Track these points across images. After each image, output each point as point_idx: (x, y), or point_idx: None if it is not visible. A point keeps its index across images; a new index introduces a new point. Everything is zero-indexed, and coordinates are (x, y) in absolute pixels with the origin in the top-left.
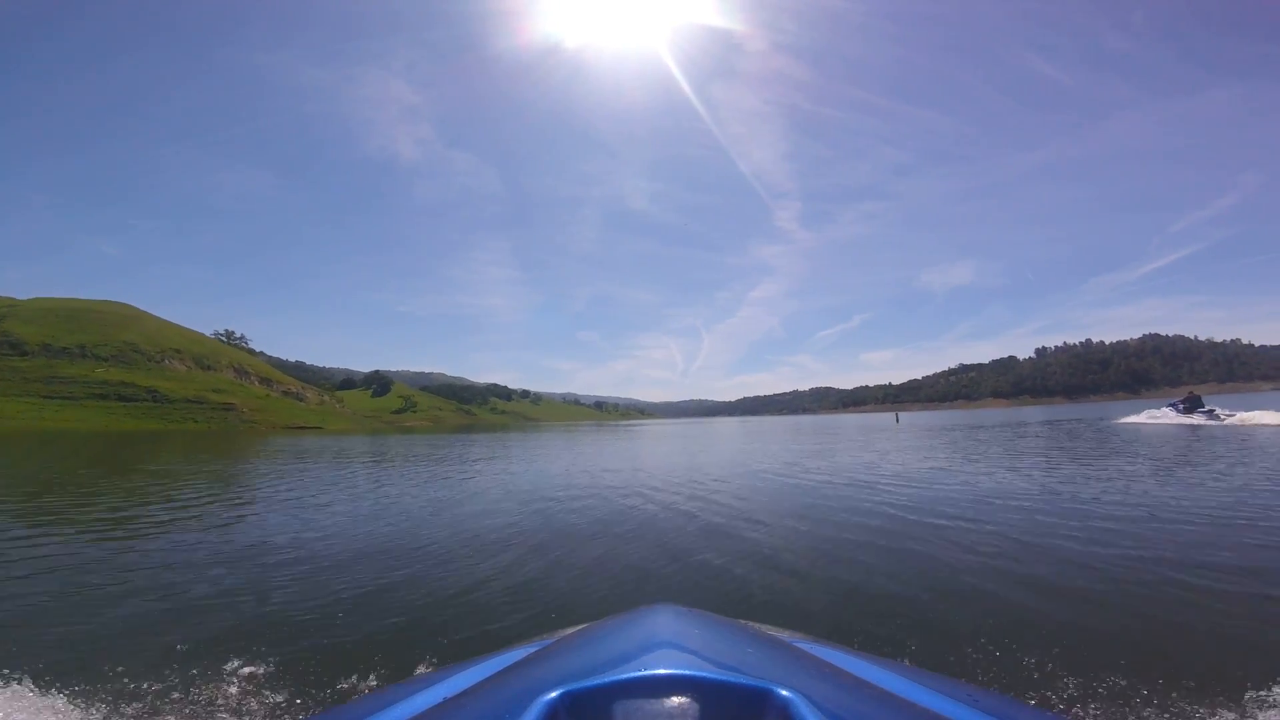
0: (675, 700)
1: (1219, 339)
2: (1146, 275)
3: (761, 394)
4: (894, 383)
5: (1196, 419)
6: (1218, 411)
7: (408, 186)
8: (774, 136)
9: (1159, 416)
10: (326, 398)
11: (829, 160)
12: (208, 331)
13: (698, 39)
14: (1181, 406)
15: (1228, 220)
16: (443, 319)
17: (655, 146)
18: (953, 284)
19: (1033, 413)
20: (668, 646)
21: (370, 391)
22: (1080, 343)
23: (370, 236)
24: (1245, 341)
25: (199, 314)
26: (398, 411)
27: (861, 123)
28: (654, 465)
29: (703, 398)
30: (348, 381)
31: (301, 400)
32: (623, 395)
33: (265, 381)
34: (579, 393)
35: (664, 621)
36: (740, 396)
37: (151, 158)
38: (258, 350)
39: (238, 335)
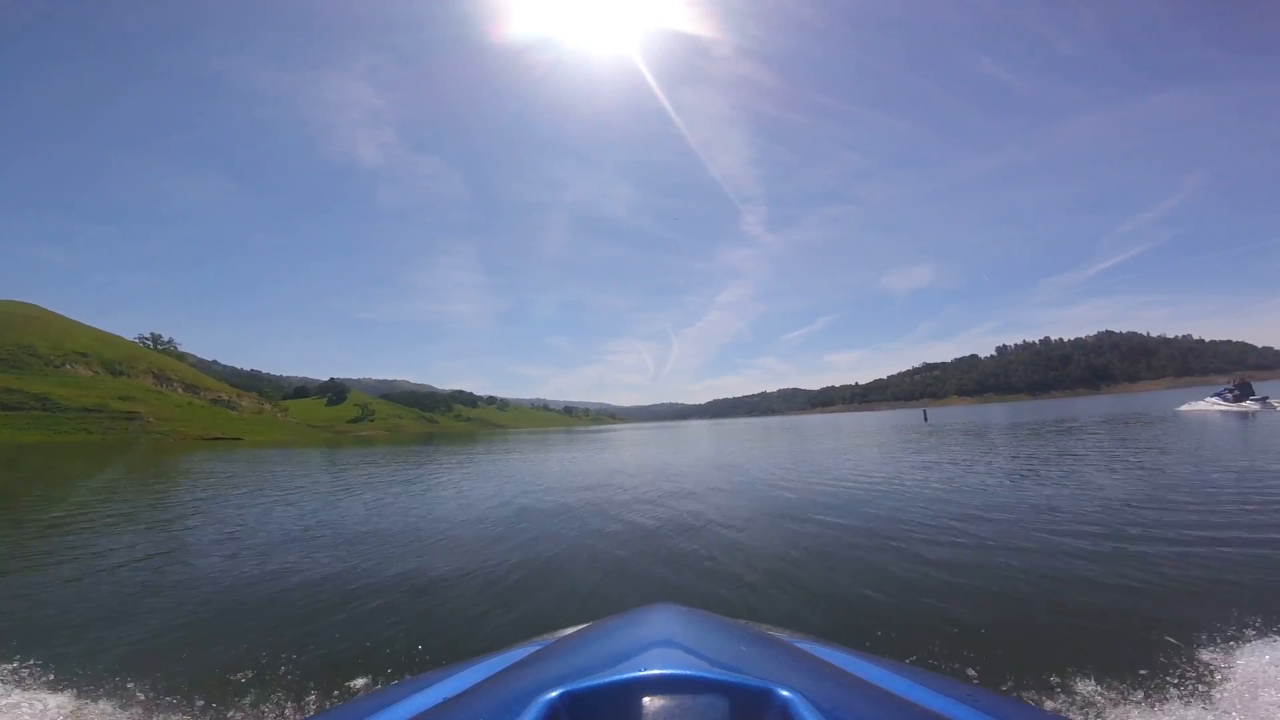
0: (675, 700)
1: (1170, 335)
2: (1096, 275)
3: (731, 396)
4: (860, 382)
5: (1249, 405)
6: (1271, 400)
7: (369, 191)
8: (741, 142)
9: (1215, 404)
10: (268, 406)
11: (794, 165)
12: (131, 335)
13: (666, 44)
14: (1230, 395)
15: (1172, 221)
16: (406, 326)
17: (625, 151)
18: (913, 286)
19: (1048, 407)
20: (668, 646)
21: (325, 400)
22: (1040, 340)
23: (330, 242)
24: (1196, 337)
25: (147, 322)
26: (354, 420)
27: (824, 127)
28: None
29: (674, 401)
30: (301, 390)
31: (234, 409)
32: (594, 400)
33: (191, 388)
34: (549, 398)
35: (664, 621)
36: (710, 399)
37: (100, 164)
38: (211, 359)
39: (165, 339)
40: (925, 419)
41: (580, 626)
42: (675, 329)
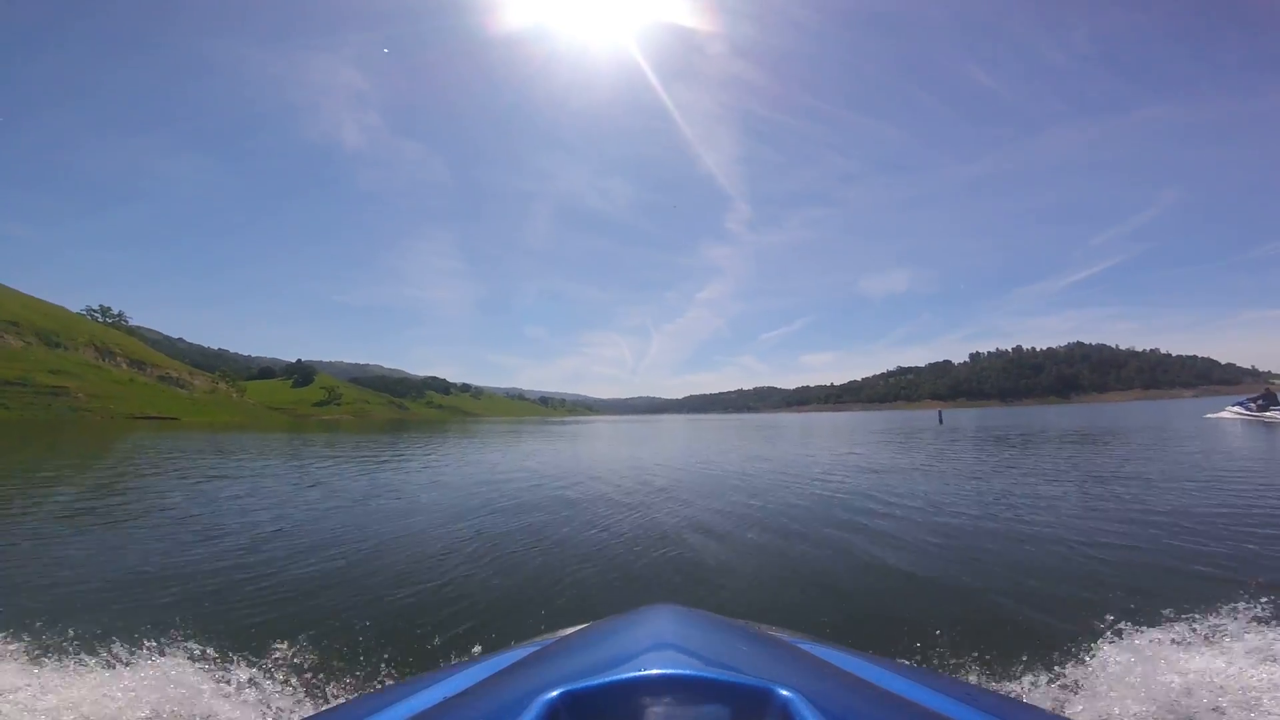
0: (675, 700)
1: (1138, 348)
2: (1068, 287)
3: (708, 392)
4: (835, 383)
5: (1275, 415)
6: None
7: (350, 174)
8: (729, 140)
9: (1241, 413)
10: (223, 386)
11: (779, 165)
12: (78, 307)
13: (661, 38)
14: (1255, 405)
15: (1145, 235)
16: (382, 310)
17: (612, 145)
18: (890, 290)
19: (1035, 414)
20: (668, 646)
21: (291, 382)
22: (1012, 349)
23: (308, 224)
24: (1164, 351)
25: (116, 300)
26: (320, 404)
27: (812, 130)
28: None
29: (651, 395)
30: (267, 371)
31: (183, 388)
32: (571, 391)
33: (137, 364)
34: (525, 388)
35: (664, 621)
36: (687, 395)
37: (78, 142)
38: (177, 336)
39: (115, 312)
40: (940, 421)
41: (580, 626)
42: (655, 323)
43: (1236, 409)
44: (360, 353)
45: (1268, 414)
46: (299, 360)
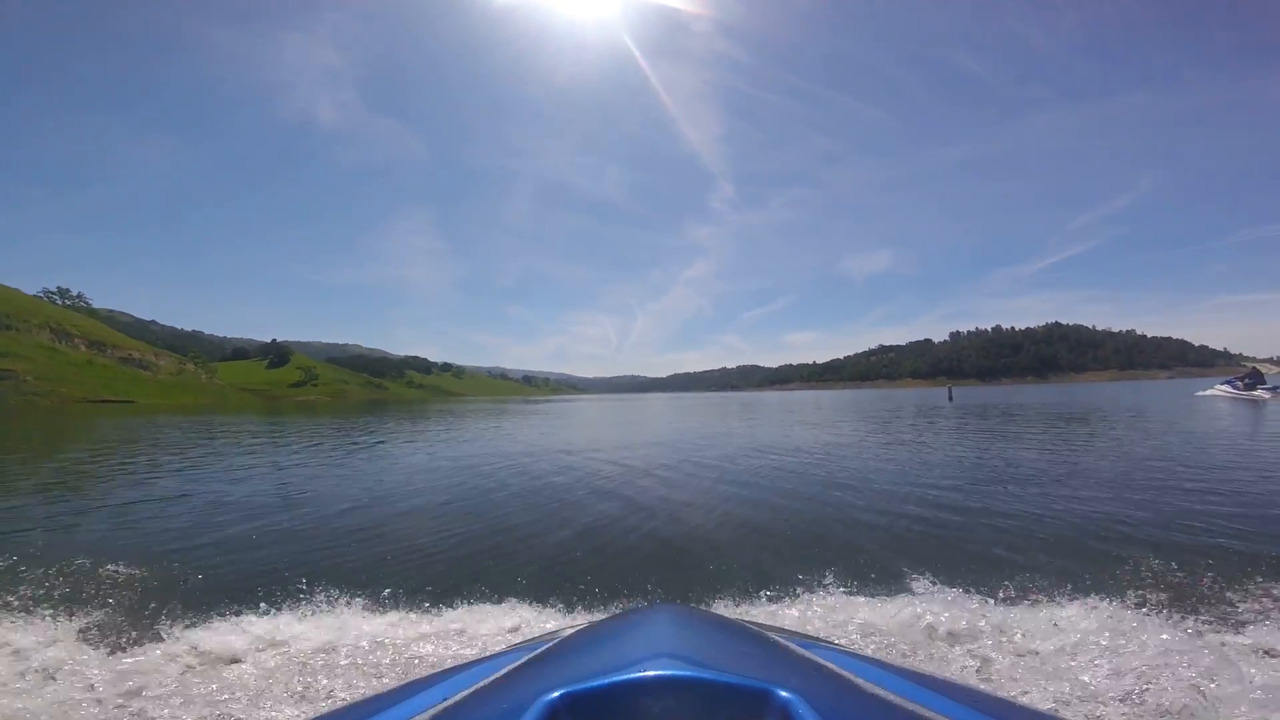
0: (676, 701)
1: (1115, 330)
2: (1046, 268)
3: (692, 371)
4: (817, 362)
5: (1261, 393)
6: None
7: (326, 153)
8: (713, 119)
9: (1229, 392)
10: (190, 367)
11: (763, 145)
12: (34, 289)
13: (647, 14)
14: (1241, 384)
15: (1123, 219)
16: (360, 290)
17: (596, 122)
18: (871, 270)
19: (1044, 392)
20: (668, 647)
21: (265, 362)
22: (991, 328)
23: (283, 204)
24: (1139, 332)
25: (85, 283)
26: (296, 385)
27: (796, 109)
28: None
29: (636, 373)
30: (240, 351)
31: (146, 369)
32: (554, 370)
33: (95, 346)
34: (508, 367)
35: (664, 622)
36: (672, 373)
37: (39, 123)
38: (150, 319)
39: (75, 294)
40: (950, 398)
41: (580, 627)
42: (640, 302)
43: (1225, 387)
44: (339, 333)
45: (1254, 392)
46: (274, 340)
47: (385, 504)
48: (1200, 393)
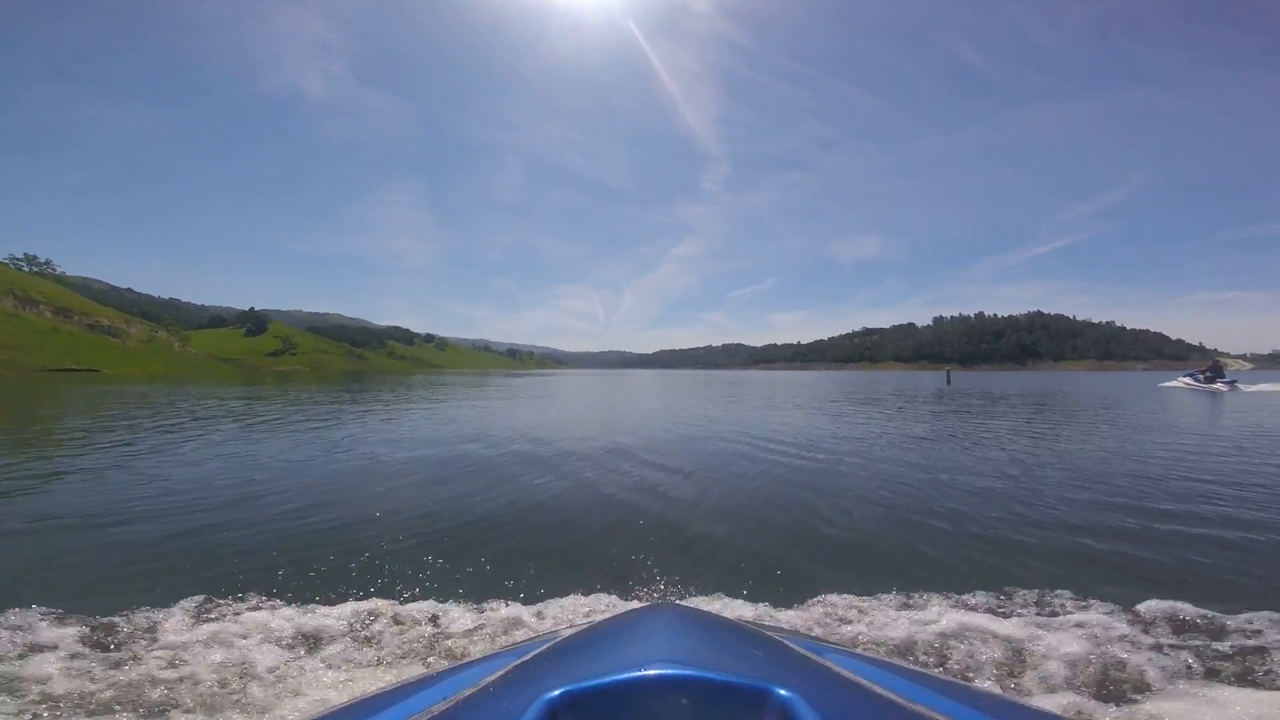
0: (676, 700)
1: (1095, 320)
2: (1031, 259)
3: (678, 348)
4: (802, 342)
5: (1220, 386)
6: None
7: (312, 125)
8: (710, 100)
9: (1190, 384)
10: (163, 335)
11: (759, 128)
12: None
13: None
14: (1202, 376)
15: (1111, 214)
16: (343, 260)
17: (591, 99)
18: (859, 255)
19: (1021, 380)
20: (668, 646)
21: (243, 331)
22: (974, 315)
23: (266, 174)
24: (1119, 324)
25: (57, 251)
26: (274, 354)
27: (794, 94)
28: None
29: (622, 349)
30: (217, 319)
31: (115, 336)
32: (540, 344)
33: (62, 313)
34: (492, 340)
35: (664, 621)
36: (658, 350)
37: (12, 91)
38: (125, 286)
39: (43, 260)
40: (948, 382)
41: (580, 626)
42: (628, 278)
43: (1186, 379)
44: (320, 302)
45: (1214, 385)
46: (251, 309)
47: (354, 494)
48: (1163, 384)
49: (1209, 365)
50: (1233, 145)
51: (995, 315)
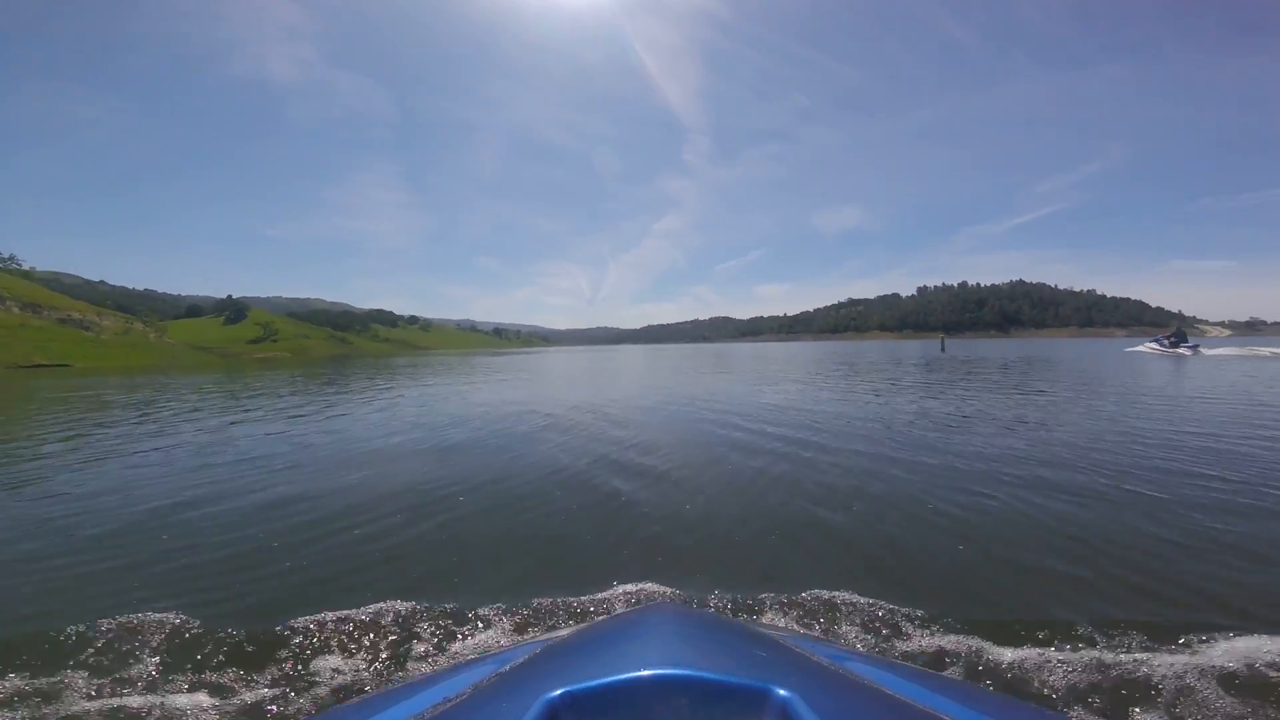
0: (675, 700)
1: (1076, 289)
2: (1013, 229)
3: (665, 323)
4: (788, 314)
5: (1183, 350)
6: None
7: (282, 109)
8: (691, 73)
9: (1155, 349)
10: (138, 326)
11: (741, 101)
12: None
13: None
14: (1167, 341)
15: (1089, 185)
16: (320, 244)
17: (570, 74)
18: (843, 226)
19: (1007, 346)
20: (668, 646)
21: (221, 319)
22: (958, 284)
23: (237, 161)
24: (1099, 293)
25: (26, 247)
26: (255, 341)
27: (776, 67)
28: None
29: (609, 325)
30: (194, 309)
31: (88, 329)
32: (525, 322)
33: (30, 308)
34: (477, 319)
35: (664, 621)
36: (645, 325)
37: None
38: (98, 279)
39: (7, 255)
40: (943, 349)
41: (580, 626)
42: (613, 254)
43: (1152, 345)
44: (300, 287)
45: (1177, 349)
46: (229, 296)
47: (324, 492)
48: (1130, 349)
49: (1173, 331)
50: (1210, 119)
51: (979, 284)
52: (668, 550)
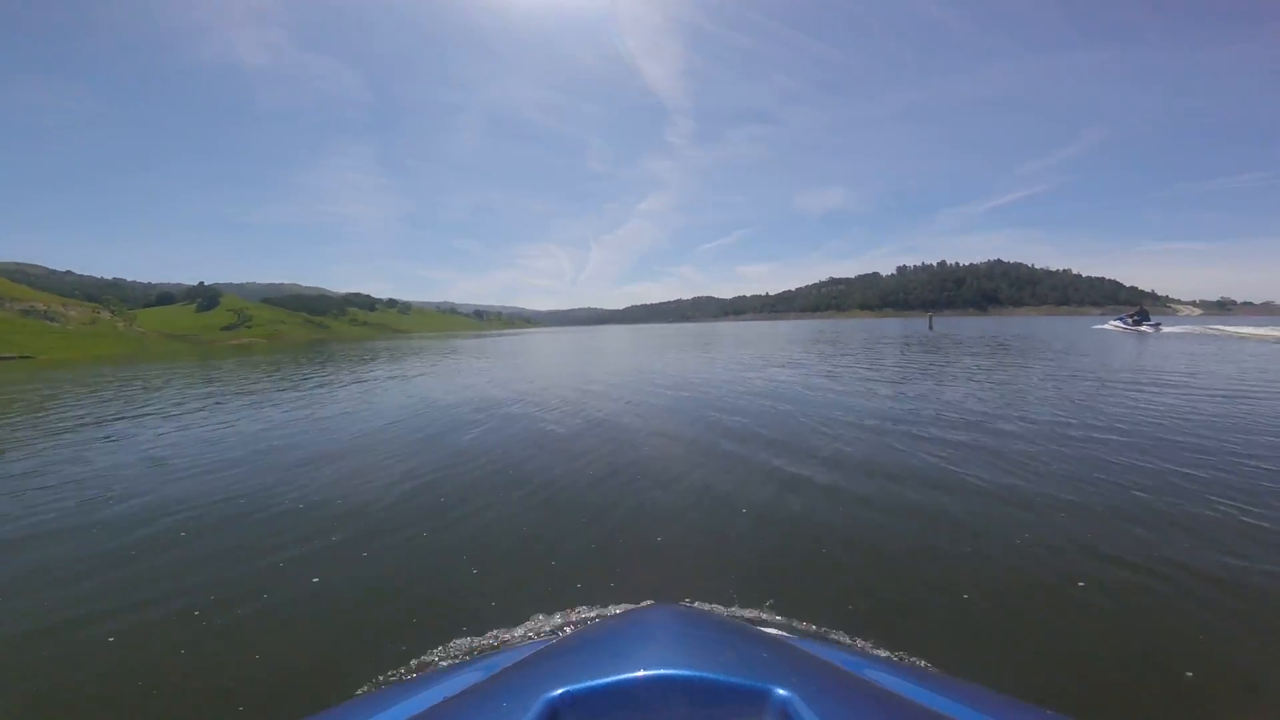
0: (676, 700)
1: (1053, 268)
2: (992, 210)
3: (649, 303)
4: (770, 293)
5: (1145, 328)
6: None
7: (252, 94)
8: (674, 54)
9: (1120, 326)
10: (106, 315)
11: (725, 82)
12: None
13: None
14: (1130, 319)
15: (1068, 167)
16: (295, 229)
17: (550, 54)
18: (825, 206)
19: (982, 324)
20: (668, 646)
21: (194, 306)
22: (937, 263)
23: (207, 147)
24: (1075, 272)
25: None
26: (228, 328)
27: (760, 48)
28: None
29: (593, 306)
30: (166, 296)
31: (53, 320)
32: (507, 304)
33: None
34: (457, 301)
35: (664, 621)
36: (629, 305)
37: None
38: (64, 270)
39: None
40: (930, 327)
41: (580, 626)
42: (595, 235)
43: (1117, 322)
44: (274, 273)
45: (1141, 327)
46: (201, 283)
47: (300, 484)
48: (1095, 326)
49: (1136, 310)
50: (1187, 104)
51: (957, 264)
52: (667, 549)
